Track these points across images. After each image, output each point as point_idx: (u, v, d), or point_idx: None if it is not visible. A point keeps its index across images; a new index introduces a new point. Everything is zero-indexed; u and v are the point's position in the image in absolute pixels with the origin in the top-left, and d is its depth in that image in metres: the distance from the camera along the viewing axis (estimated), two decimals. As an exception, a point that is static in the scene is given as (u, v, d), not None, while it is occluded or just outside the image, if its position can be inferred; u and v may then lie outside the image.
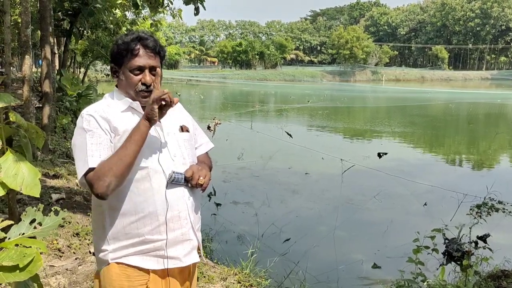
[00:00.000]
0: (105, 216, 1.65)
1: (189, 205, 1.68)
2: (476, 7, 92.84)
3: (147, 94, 1.66)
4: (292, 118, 21.56)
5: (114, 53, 1.69)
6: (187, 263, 1.68)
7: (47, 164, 6.75)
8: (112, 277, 1.63)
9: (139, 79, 1.66)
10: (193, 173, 1.64)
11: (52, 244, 3.90)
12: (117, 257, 1.63)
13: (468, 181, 9.10)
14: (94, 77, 29.99)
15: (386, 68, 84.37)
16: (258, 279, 3.88)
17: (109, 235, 1.64)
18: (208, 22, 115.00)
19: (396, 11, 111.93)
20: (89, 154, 1.56)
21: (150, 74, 1.67)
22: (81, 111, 1.73)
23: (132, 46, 1.64)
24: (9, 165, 2.71)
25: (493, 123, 20.51)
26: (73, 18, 11.82)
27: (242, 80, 60.12)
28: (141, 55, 1.65)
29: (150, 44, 1.66)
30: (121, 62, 1.67)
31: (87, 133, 1.59)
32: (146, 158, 1.61)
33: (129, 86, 1.67)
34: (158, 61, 1.70)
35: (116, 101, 1.69)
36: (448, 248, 5.25)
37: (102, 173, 1.52)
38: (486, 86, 63.47)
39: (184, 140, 1.75)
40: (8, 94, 3.01)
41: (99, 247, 1.68)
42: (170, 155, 1.67)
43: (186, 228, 1.67)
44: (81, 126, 1.62)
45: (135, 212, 1.61)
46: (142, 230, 1.61)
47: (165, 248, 1.63)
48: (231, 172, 9.06)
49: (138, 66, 1.64)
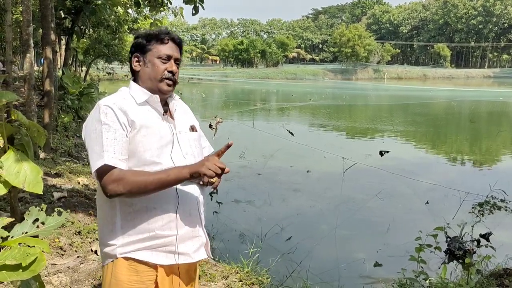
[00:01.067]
0: (116, 210, 1.64)
1: (199, 202, 1.72)
2: (478, 5, 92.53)
3: (171, 82, 1.73)
4: (294, 116, 21.56)
5: (141, 41, 1.74)
6: (196, 259, 1.71)
7: (49, 163, 6.76)
8: (120, 272, 1.64)
9: (166, 67, 1.72)
10: None
11: (54, 242, 3.91)
12: (126, 251, 1.64)
13: (470, 179, 9.08)
14: (96, 75, 29.98)
15: (388, 66, 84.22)
16: (259, 277, 3.88)
17: (119, 230, 1.64)
18: (209, 20, 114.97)
19: (398, 9, 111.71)
20: (105, 149, 1.56)
21: (175, 64, 1.75)
22: (82, 110, 1.74)
23: (162, 36, 1.73)
24: (11, 163, 2.72)
25: (495, 121, 20.46)
26: (75, 17, 11.83)
27: (244, 78, 60.08)
28: (170, 46, 1.74)
29: (176, 38, 1.77)
30: (148, 50, 1.72)
31: (103, 126, 1.59)
32: (160, 154, 1.63)
33: (155, 74, 1.71)
34: (180, 56, 1.80)
35: (134, 93, 1.71)
36: (450, 246, 5.24)
37: (121, 181, 1.55)
38: (488, 84, 63.33)
39: (194, 139, 1.80)
40: (10, 92, 3.01)
41: (106, 241, 1.68)
42: (182, 152, 1.70)
43: (196, 225, 1.71)
44: (97, 118, 1.61)
45: (146, 208, 1.62)
46: (153, 225, 1.62)
47: (176, 243, 1.65)
48: (232, 170, 9.01)
49: (167, 54, 1.72)
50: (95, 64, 22.73)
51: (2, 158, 2.70)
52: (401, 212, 7.02)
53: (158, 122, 1.68)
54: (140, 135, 1.61)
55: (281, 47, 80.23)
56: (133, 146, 1.61)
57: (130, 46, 1.80)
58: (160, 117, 1.70)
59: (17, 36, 17.44)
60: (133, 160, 1.61)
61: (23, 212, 1.96)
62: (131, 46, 1.80)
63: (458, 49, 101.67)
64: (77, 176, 6.28)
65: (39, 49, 23.99)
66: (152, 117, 1.67)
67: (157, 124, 1.67)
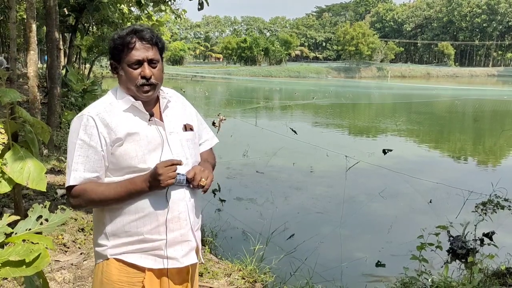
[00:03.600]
0: (104, 213, 1.65)
1: (190, 206, 1.67)
2: (482, 3, 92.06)
3: (148, 88, 1.62)
4: (297, 114, 21.53)
5: (111, 49, 1.64)
6: (184, 264, 1.67)
7: (52, 160, 6.79)
8: (111, 272, 1.65)
9: (139, 73, 1.60)
10: (195, 174, 1.62)
11: (57, 239, 3.93)
12: (116, 253, 1.65)
13: (473, 179, 9.05)
14: (99, 73, 30.02)
15: (391, 65, 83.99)
16: (262, 275, 3.89)
17: (109, 232, 1.65)
18: (213, 18, 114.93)
19: (402, 7, 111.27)
20: (74, 167, 1.59)
21: (150, 66, 1.62)
22: (86, 107, 1.73)
23: (127, 40, 1.59)
24: (15, 160, 2.73)
25: (499, 120, 20.36)
26: (79, 14, 11.86)
27: (247, 76, 60.06)
28: (138, 48, 1.60)
29: (146, 35, 1.61)
30: (120, 58, 1.62)
31: (77, 142, 1.59)
32: (148, 158, 1.60)
33: (129, 82, 1.62)
34: (156, 53, 1.64)
35: (119, 99, 1.66)
36: (452, 245, 5.23)
37: (81, 196, 1.60)
38: (492, 82, 63.03)
39: (187, 139, 1.73)
40: (14, 90, 3.02)
41: (98, 241, 1.70)
42: (173, 155, 1.64)
43: (186, 230, 1.66)
44: (77, 129, 1.61)
45: (135, 211, 1.61)
46: (141, 229, 1.61)
47: (165, 248, 1.63)
48: (235, 168, 9.07)
49: (136, 60, 1.60)
50: (99, 62, 22.77)
51: (7, 155, 2.72)
52: (404, 211, 7.01)
53: (144, 126, 1.63)
54: (127, 143, 1.59)
55: (284, 45, 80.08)
56: (119, 154, 1.59)
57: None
58: (147, 121, 1.64)
59: (21, 33, 17.49)
60: (120, 169, 1.60)
61: (26, 209, 1.97)
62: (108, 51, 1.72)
63: (462, 48, 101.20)
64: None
65: (43, 46, 24.06)
66: (138, 123, 1.62)
67: (144, 129, 1.62)
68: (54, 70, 8.14)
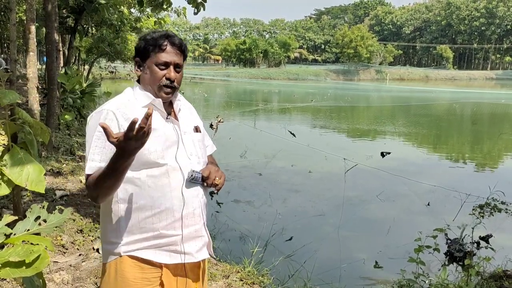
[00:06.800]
0: (119, 209, 1.67)
1: (202, 203, 1.75)
2: (481, 6, 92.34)
3: (170, 90, 1.71)
4: (296, 117, 21.55)
5: (141, 47, 1.72)
6: (199, 258, 1.74)
7: (51, 161, 6.79)
8: (125, 269, 1.66)
9: (164, 74, 1.69)
10: (210, 173, 1.70)
11: (56, 240, 3.93)
12: (129, 250, 1.66)
13: (471, 181, 9.07)
14: (98, 74, 30.01)
15: (390, 67, 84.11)
16: (260, 277, 3.89)
17: (122, 228, 1.66)
18: (212, 20, 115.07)
19: (401, 10, 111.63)
20: (90, 158, 1.62)
21: (174, 71, 1.71)
22: (84, 108, 1.76)
23: (160, 42, 1.69)
24: (14, 161, 2.74)
25: (497, 123, 20.42)
26: (78, 15, 11.87)
27: (246, 78, 60.06)
28: (168, 51, 1.70)
29: (176, 41, 1.72)
30: (147, 56, 1.71)
31: (95, 134, 1.62)
32: (165, 155, 1.66)
33: (153, 81, 1.70)
34: (181, 59, 1.75)
35: (138, 96, 1.72)
36: (450, 248, 5.25)
37: (89, 185, 1.60)
38: (491, 86, 63.17)
39: (198, 140, 1.82)
40: (14, 91, 3.03)
41: (109, 239, 1.70)
42: (187, 153, 1.72)
43: (199, 225, 1.73)
44: (96, 121, 1.63)
45: (151, 207, 1.65)
46: (157, 225, 1.65)
47: (181, 243, 1.68)
48: (234, 170, 9.08)
49: (164, 61, 1.69)
50: (98, 63, 22.76)
51: (6, 157, 2.73)
52: (402, 213, 7.03)
53: (163, 123, 1.70)
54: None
55: (283, 47, 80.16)
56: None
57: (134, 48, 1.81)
58: (165, 119, 1.72)
59: (21, 34, 17.48)
60: (138, 163, 1.61)
61: (25, 210, 1.98)
62: (134, 49, 1.80)
63: (460, 51, 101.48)
64: (79, 175, 6.30)
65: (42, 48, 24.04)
66: (156, 119, 1.67)
67: (162, 126, 1.69)
68: (53, 72, 8.14)
